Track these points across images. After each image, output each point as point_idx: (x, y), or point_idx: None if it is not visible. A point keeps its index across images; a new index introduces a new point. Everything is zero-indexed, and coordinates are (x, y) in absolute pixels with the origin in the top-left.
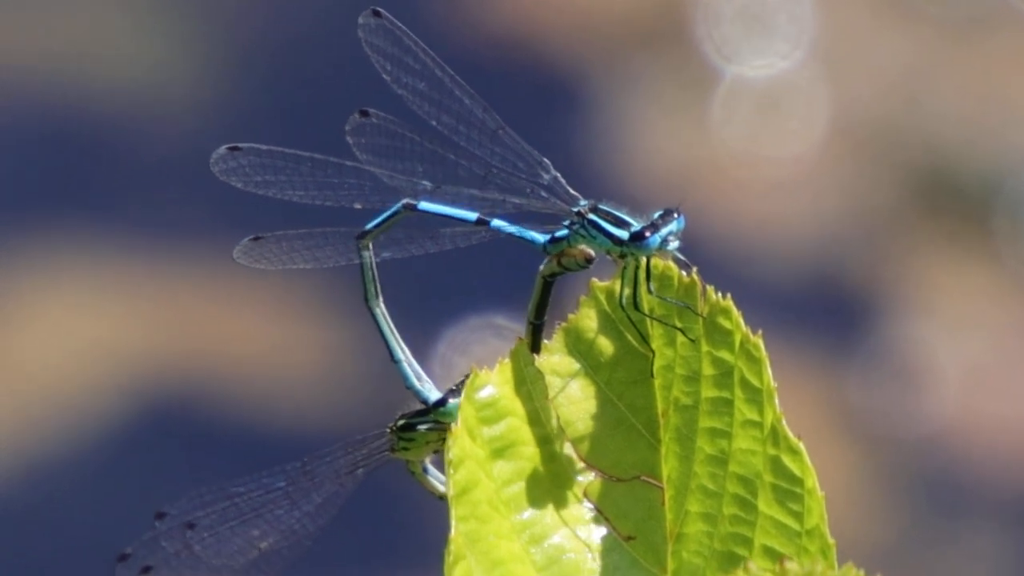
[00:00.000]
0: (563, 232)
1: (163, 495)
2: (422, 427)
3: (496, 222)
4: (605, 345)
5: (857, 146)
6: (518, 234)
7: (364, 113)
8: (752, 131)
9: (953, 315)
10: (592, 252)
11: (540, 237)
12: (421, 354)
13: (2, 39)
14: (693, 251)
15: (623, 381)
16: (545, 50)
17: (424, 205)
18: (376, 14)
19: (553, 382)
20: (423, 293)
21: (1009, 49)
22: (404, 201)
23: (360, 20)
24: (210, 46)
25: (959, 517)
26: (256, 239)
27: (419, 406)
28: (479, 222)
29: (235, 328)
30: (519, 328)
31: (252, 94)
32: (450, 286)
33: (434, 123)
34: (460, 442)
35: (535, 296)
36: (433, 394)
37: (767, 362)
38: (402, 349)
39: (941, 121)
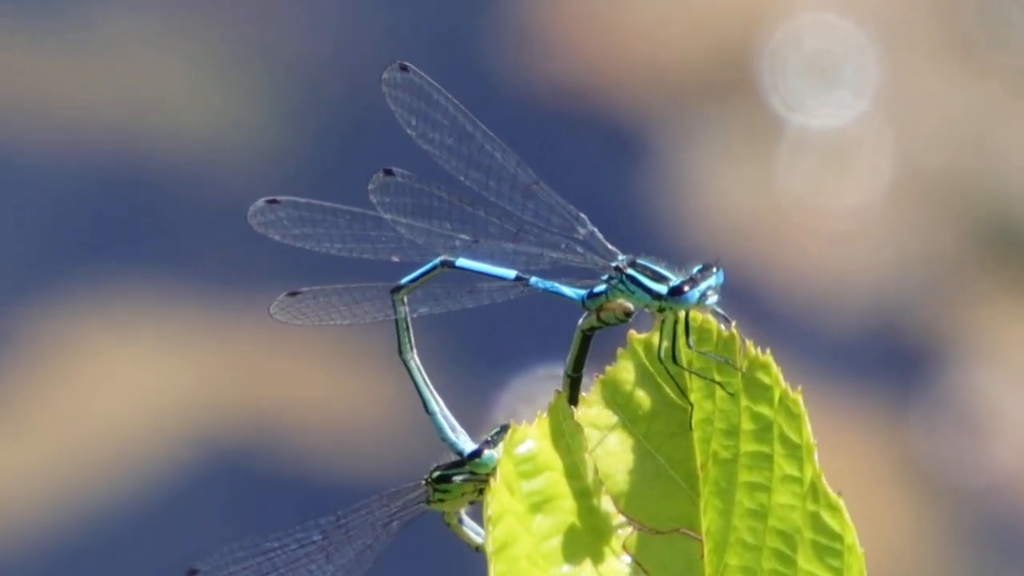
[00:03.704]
0: (601, 288)
1: (220, 545)
2: (458, 478)
3: (535, 280)
4: (643, 398)
5: (922, 195)
6: (556, 291)
7: (388, 172)
8: (816, 181)
9: (1018, 364)
10: (631, 306)
11: (578, 293)
12: (485, 405)
13: (66, 87)
14: (755, 301)
15: (661, 433)
16: (609, 100)
17: (462, 262)
18: (403, 68)
19: (591, 434)
20: (487, 343)
21: None
22: (442, 258)
23: (384, 75)
24: (271, 94)
25: None
26: (292, 294)
27: (453, 457)
28: (518, 279)
29: (293, 376)
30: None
31: (311, 143)
32: (511, 336)
33: (462, 178)
34: (499, 497)
35: (573, 350)
36: (468, 445)
37: (806, 418)
38: (436, 401)
39: (1007, 170)
